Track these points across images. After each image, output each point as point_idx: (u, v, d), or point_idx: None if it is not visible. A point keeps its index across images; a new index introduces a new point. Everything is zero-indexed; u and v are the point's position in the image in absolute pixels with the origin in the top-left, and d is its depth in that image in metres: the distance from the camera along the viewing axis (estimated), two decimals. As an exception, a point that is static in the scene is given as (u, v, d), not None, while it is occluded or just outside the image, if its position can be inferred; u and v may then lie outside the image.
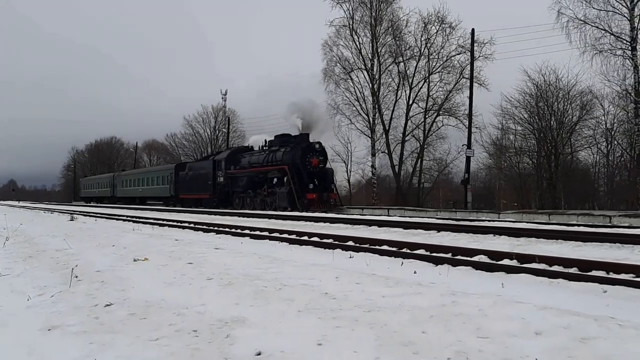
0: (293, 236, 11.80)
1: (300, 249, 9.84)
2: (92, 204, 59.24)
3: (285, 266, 6.62)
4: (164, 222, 18.51)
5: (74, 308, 4.68)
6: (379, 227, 14.19)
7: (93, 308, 4.63)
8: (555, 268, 6.52)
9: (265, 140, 29.58)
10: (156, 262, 7.19)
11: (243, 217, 22.46)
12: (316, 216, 18.62)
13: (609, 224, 14.13)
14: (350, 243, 9.82)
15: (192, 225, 16.86)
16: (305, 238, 11.26)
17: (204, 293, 5.04)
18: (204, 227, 15.75)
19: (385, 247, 9.05)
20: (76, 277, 6.11)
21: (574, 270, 6.36)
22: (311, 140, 27.06)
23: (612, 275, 5.94)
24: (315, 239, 10.93)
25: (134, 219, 21.92)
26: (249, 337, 3.56)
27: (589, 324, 3.58)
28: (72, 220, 21.22)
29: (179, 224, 17.65)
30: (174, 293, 5.06)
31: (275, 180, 26.74)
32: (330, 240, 10.47)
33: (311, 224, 16.45)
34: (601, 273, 6.11)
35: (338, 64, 35.39)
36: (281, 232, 12.76)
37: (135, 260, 7.39)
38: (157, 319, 4.12)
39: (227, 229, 14.44)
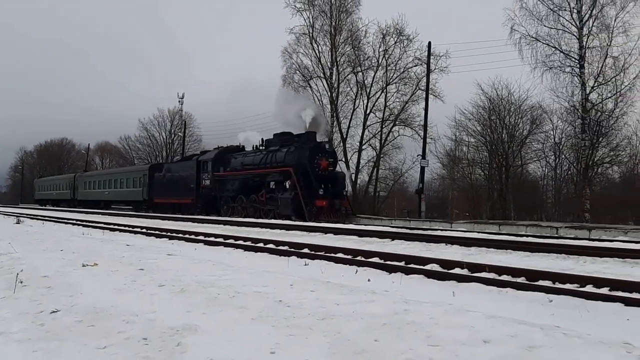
0: (248, 243, 11.72)
1: (255, 255, 9.78)
2: (47, 206, 53.99)
3: (240, 273, 6.56)
4: (116, 227, 18.06)
5: (18, 314, 4.51)
6: (334, 235, 14.26)
7: (38, 314, 4.46)
8: (504, 277, 6.71)
9: (262, 139, 25.84)
10: (106, 268, 7.01)
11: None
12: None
13: (556, 235, 14.63)
14: (306, 250, 9.82)
15: (144, 230, 16.50)
16: (261, 245, 11.20)
17: (155, 300, 4.94)
18: (157, 232, 15.44)
19: (340, 255, 9.10)
20: (21, 282, 5.88)
21: (522, 279, 6.55)
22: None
23: (558, 285, 6.15)
24: (271, 245, 10.90)
25: (86, 223, 21.29)
26: (201, 345, 3.51)
27: (535, 333, 3.69)
28: (18, 223, 20.44)
29: (130, 228, 17.24)
30: (124, 299, 4.94)
31: (273, 184, 23.37)
32: (285, 248, 10.45)
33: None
34: (547, 283, 6.31)
35: (298, 72, 35.50)
36: (236, 238, 12.64)
37: (84, 266, 7.18)
38: (105, 326, 4.01)
39: (180, 235, 14.21)
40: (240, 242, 11.97)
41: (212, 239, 12.88)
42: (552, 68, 24.62)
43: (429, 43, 28.46)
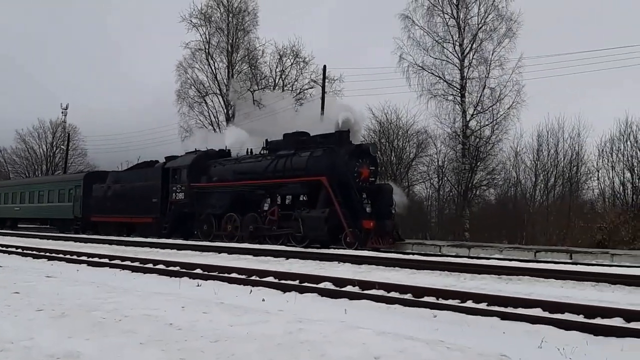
0: (136, 263, 11.22)
1: (144, 277, 9.40)
2: None
3: (127, 295, 6.26)
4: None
5: None
6: (228, 254, 14.04)
7: None
8: (393, 294, 6.98)
9: (267, 140, 19.61)
10: (-26, 293, 6.37)
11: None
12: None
13: (439, 253, 15.47)
14: (199, 271, 9.61)
15: (19, 250, 15.23)
16: (150, 265, 10.77)
17: (32, 325, 4.57)
18: (34, 252, 14.32)
19: (234, 275, 9.00)
20: None
21: (409, 296, 6.86)
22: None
23: (442, 301, 6.51)
24: (161, 266, 10.51)
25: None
26: (84, 374, 3.30)
27: (422, 348, 3.87)
28: None
29: (4, 248, 15.84)
30: (-5, 327, 4.52)
31: (289, 199, 18.63)
32: (177, 268, 10.14)
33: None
34: (432, 299, 6.66)
35: (193, 87, 34.87)
36: (123, 258, 12.05)
37: (-54, 291, 6.48)
38: (-27, 358, 3.65)
39: (61, 255, 13.29)
40: (128, 262, 11.43)
41: (96, 259, 12.19)
42: (436, 96, 26.25)
43: (324, 67, 29.21)
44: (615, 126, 25.72)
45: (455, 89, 26.10)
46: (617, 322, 5.35)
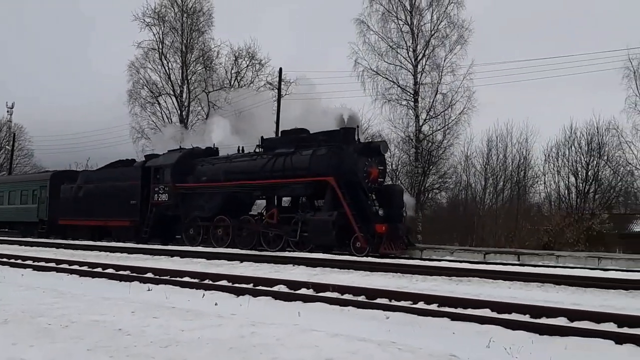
0: (85, 267, 10.90)
1: (92, 281, 9.16)
2: None
3: (74, 301, 6.08)
4: None
5: None
6: (181, 258, 13.80)
7: None
8: (347, 296, 7.03)
9: (262, 138, 18.25)
10: None
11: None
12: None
13: (393, 254, 15.63)
14: (150, 275, 9.42)
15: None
16: (99, 270, 10.49)
17: (-29, 334, 4.38)
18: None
19: (187, 279, 8.88)
20: None
21: (362, 298, 6.93)
22: None
23: (394, 303, 6.61)
24: (111, 270, 10.26)
25: None
26: (27, 383, 3.19)
27: (374, 349, 3.92)
28: None
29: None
30: None
31: (289, 201, 17.58)
32: (127, 272, 9.91)
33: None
34: (385, 300, 6.75)
35: (145, 87, 34.16)
36: (71, 262, 11.69)
37: None
38: None
39: (5, 259, 12.76)
40: (76, 266, 11.10)
41: (42, 263, 11.77)
42: (390, 101, 26.61)
43: (280, 69, 29.17)
44: (560, 132, 26.88)
45: (409, 94, 26.53)
46: (562, 321, 5.56)
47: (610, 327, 5.27)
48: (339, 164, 15.20)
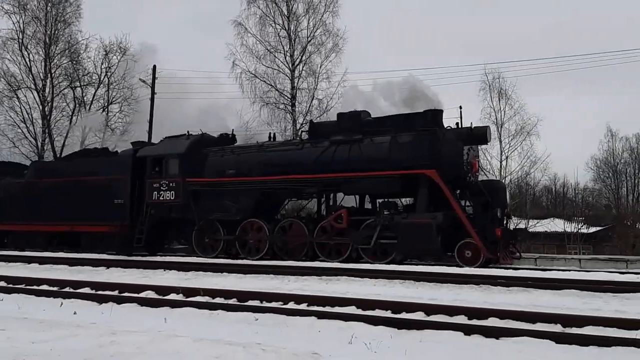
0: None
1: None
2: None
3: None
4: None
5: None
6: (40, 264, 12.75)
7: None
8: (217, 300, 6.98)
9: (311, 122, 15.72)
10: None
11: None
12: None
13: (268, 257, 15.72)
14: (2, 284, 8.65)
15: None
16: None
17: None
18: None
19: (44, 287, 8.30)
20: None
21: (233, 300, 6.92)
22: None
23: (265, 304, 6.67)
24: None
25: None
26: None
27: (238, 352, 3.93)
28: None
29: None
30: None
31: (358, 198, 14.19)
32: (-27, 282, 8.99)
33: None
34: (256, 302, 6.80)
35: (3, 79, 31.19)
36: None
37: None
38: None
39: None
40: None
41: None
42: (268, 104, 26.78)
43: (154, 66, 28.18)
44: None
45: (287, 98, 26.87)
46: (419, 315, 5.96)
47: (462, 319, 5.74)
48: (436, 153, 12.30)
